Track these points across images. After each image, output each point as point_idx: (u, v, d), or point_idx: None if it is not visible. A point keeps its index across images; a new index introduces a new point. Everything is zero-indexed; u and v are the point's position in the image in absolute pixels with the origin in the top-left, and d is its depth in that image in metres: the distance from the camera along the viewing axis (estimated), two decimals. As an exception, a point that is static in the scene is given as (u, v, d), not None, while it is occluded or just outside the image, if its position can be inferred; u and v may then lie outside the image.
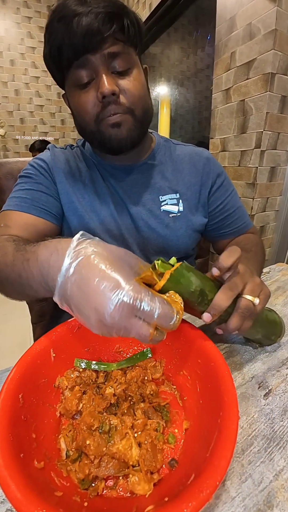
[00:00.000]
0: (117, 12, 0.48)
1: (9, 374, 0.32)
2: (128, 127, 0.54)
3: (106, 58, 0.49)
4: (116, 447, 0.30)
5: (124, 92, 0.52)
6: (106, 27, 0.47)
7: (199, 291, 0.35)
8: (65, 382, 0.38)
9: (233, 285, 0.35)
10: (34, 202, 0.59)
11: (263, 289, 0.38)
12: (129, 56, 0.52)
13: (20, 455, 0.26)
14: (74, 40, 0.47)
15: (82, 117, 0.54)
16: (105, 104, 0.51)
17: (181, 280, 0.34)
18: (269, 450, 0.33)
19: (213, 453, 0.24)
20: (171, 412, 0.36)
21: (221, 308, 0.34)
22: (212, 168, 0.71)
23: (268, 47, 1.25)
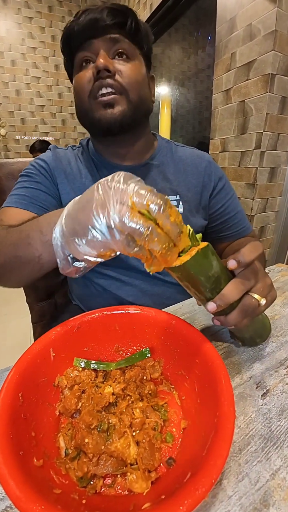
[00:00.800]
0: (121, 10, 0.54)
1: (9, 373, 0.32)
2: (122, 108, 0.55)
3: (108, 41, 0.54)
4: (114, 445, 0.30)
5: (120, 73, 0.54)
6: (109, 18, 0.53)
7: (215, 278, 0.34)
8: (64, 381, 0.38)
9: (246, 280, 0.35)
10: (33, 200, 0.60)
11: (271, 291, 0.38)
12: (130, 48, 0.56)
13: (19, 453, 0.26)
14: (80, 27, 0.53)
15: (78, 94, 0.57)
16: (98, 79, 0.53)
17: (203, 261, 0.32)
18: (266, 450, 0.33)
19: (209, 452, 0.24)
20: (169, 412, 0.37)
21: (229, 301, 0.34)
22: (214, 171, 0.71)
23: (268, 48, 1.25)
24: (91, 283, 0.71)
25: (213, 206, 0.71)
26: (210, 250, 0.33)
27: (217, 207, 0.71)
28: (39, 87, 3.15)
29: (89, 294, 0.72)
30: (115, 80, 0.54)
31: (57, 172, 0.64)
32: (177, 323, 0.41)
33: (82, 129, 3.50)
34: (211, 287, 0.34)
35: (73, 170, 0.66)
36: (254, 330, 0.44)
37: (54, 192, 0.64)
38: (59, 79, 3.23)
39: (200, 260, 0.32)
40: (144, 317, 0.44)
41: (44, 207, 0.61)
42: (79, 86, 0.56)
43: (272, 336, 0.51)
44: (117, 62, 0.55)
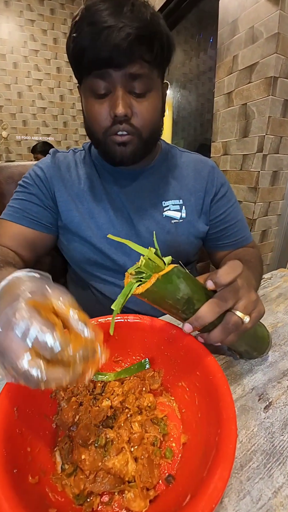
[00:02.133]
0: (149, 35, 0.47)
1: (4, 387, 0.31)
2: (133, 147, 0.56)
3: (127, 77, 0.49)
4: (112, 462, 0.29)
5: (136, 115, 0.52)
6: (135, 48, 0.46)
7: (185, 299, 0.33)
8: (61, 393, 0.37)
9: (223, 301, 0.33)
10: (25, 213, 0.62)
11: (258, 307, 0.36)
12: (150, 79, 0.52)
13: (13, 471, 0.25)
14: (99, 52, 0.46)
15: (92, 124, 0.55)
16: (115, 122, 0.52)
17: (167, 286, 0.32)
18: (269, 466, 0.32)
19: (210, 473, 0.23)
20: (169, 425, 0.36)
21: (204, 322, 0.33)
22: (217, 177, 0.70)
23: (270, 50, 1.25)
24: (90, 288, 0.71)
25: (213, 212, 0.70)
26: (175, 274, 0.32)
27: (218, 214, 0.70)
28: (41, 90, 3.16)
29: (88, 299, 0.71)
30: (131, 124, 0.53)
31: (55, 179, 0.64)
32: (177, 333, 0.40)
33: (83, 132, 3.49)
34: (182, 309, 0.34)
35: (71, 177, 0.65)
36: (248, 344, 0.42)
37: (48, 203, 0.64)
38: (61, 82, 3.24)
39: (163, 285, 0.31)
40: (144, 326, 0.43)
41: (36, 220, 0.63)
42: (94, 119, 0.54)
43: (274, 345, 0.50)
44: (135, 100, 0.52)
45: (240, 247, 0.73)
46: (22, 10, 2.91)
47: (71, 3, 3.10)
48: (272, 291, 0.72)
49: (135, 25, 0.45)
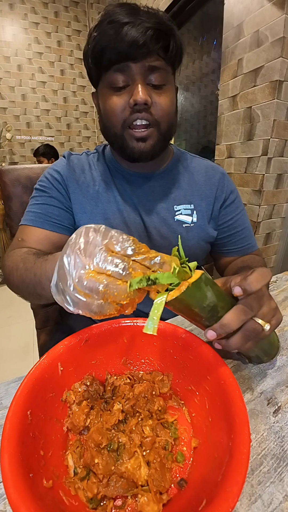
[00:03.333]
0: (165, 32, 0.50)
1: (17, 390, 0.31)
2: (153, 141, 0.56)
3: (146, 69, 0.52)
4: (124, 466, 0.30)
5: (155, 105, 0.53)
6: (152, 43, 0.49)
7: (211, 307, 0.33)
8: (72, 397, 0.37)
9: (249, 309, 0.33)
10: (47, 217, 0.62)
11: (276, 315, 0.36)
12: (166, 73, 0.54)
13: (29, 475, 0.25)
14: (119, 46, 0.49)
15: (110, 118, 0.56)
16: (134, 111, 0.53)
17: (196, 294, 0.31)
18: (279, 470, 0.32)
19: (225, 478, 0.23)
20: (179, 429, 0.36)
21: (229, 330, 0.33)
22: (227, 184, 0.71)
23: (276, 54, 1.25)
24: None
25: (222, 218, 0.71)
26: (203, 281, 0.31)
27: (226, 220, 0.71)
28: (45, 92, 3.17)
29: None
30: (150, 113, 0.53)
31: (70, 181, 0.64)
32: (187, 337, 0.40)
33: (86, 133, 3.52)
34: (207, 316, 0.33)
35: (86, 179, 0.66)
36: (260, 349, 0.42)
37: (67, 205, 0.64)
38: (65, 84, 3.25)
39: (192, 293, 0.31)
40: (153, 330, 0.43)
41: (58, 222, 0.63)
42: (112, 111, 0.54)
43: (282, 349, 0.51)
44: (153, 92, 0.53)
45: (245, 254, 0.74)
46: (27, 13, 2.93)
47: (75, 6, 3.12)
48: (278, 294, 0.72)
49: (152, 21, 0.49)
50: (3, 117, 3.04)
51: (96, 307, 0.32)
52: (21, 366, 1.70)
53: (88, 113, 3.46)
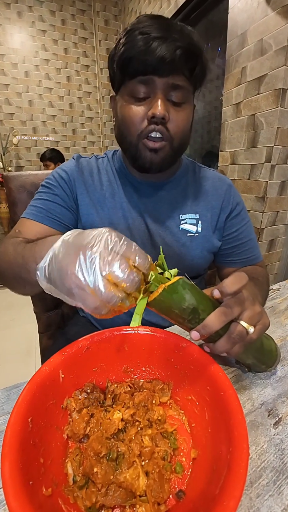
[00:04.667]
0: (194, 54, 0.51)
1: (19, 397, 0.32)
2: (164, 154, 0.57)
3: (169, 86, 0.52)
4: (123, 475, 0.30)
5: (172, 121, 0.54)
6: (179, 62, 0.50)
7: (191, 309, 0.35)
8: (73, 404, 0.38)
9: (229, 310, 0.35)
10: (48, 213, 0.62)
11: (263, 319, 0.38)
12: (187, 92, 0.55)
13: (29, 483, 0.26)
14: (147, 59, 0.49)
15: (127, 126, 0.56)
16: (151, 123, 0.54)
17: (173, 296, 0.34)
18: (278, 483, 0.32)
19: (223, 492, 0.24)
20: (179, 439, 0.36)
21: (211, 330, 0.34)
22: (233, 195, 0.72)
23: (279, 63, 1.26)
24: None
25: (227, 229, 0.71)
26: (180, 285, 0.35)
27: (231, 231, 0.72)
28: (51, 98, 3.21)
29: None
30: (166, 128, 0.54)
31: (78, 183, 0.65)
32: (187, 347, 0.40)
33: (91, 139, 3.55)
34: (188, 318, 0.36)
35: (94, 182, 0.67)
36: (255, 357, 0.43)
37: (71, 205, 0.65)
38: (71, 90, 3.29)
39: (169, 295, 0.34)
40: (154, 338, 0.44)
41: (59, 220, 0.63)
42: (131, 120, 0.55)
43: (284, 359, 0.50)
44: (172, 108, 0.54)
45: (249, 265, 0.74)
46: (34, 21, 2.98)
47: (82, 14, 3.17)
48: (280, 302, 0.72)
49: (185, 42, 0.49)
50: (10, 122, 3.09)
51: (92, 303, 0.31)
52: (23, 369, 1.71)
53: (93, 118, 3.49)
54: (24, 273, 0.44)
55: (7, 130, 3.07)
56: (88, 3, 3.17)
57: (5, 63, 2.94)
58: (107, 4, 3.16)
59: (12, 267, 0.48)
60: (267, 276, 0.71)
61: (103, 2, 3.14)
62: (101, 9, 3.16)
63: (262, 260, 0.77)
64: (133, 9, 2.87)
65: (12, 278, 0.49)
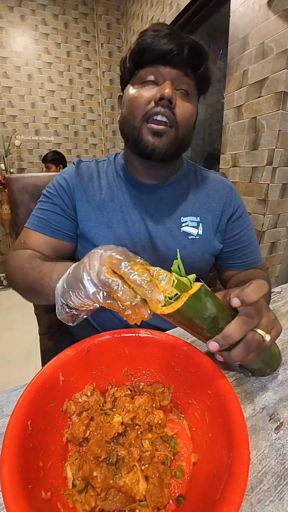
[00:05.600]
0: (201, 55, 0.56)
1: (18, 400, 0.32)
2: (168, 140, 0.57)
3: (176, 76, 0.55)
4: (123, 480, 0.30)
5: (178, 107, 0.56)
6: (186, 55, 0.53)
7: (212, 318, 0.33)
8: (72, 407, 0.37)
9: (250, 319, 0.34)
10: (48, 223, 0.64)
11: (276, 326, 0.38)
12: (193, 90, 0.58)
13: (28, 487, 0.26)
14: (160, 48, 0.53)
15: (133, 109, 0.57)
16: (158, 105, 0.55)
17: (196, 305, 0.32)
18: (279, 489, 0.32)
19: (223, 497, 0.23)
20: (179, 444, 0.36)
21: (232, 341, 0.34)
22: (235, 198, 0.72)
23: (281, 66, 1.26)
24: None
25: (229, 232, 0.71)
26: (203, 293, 0.32)
27: (233, 234, 0.72)
28: (53, 100, 3.23)
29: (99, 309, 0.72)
30: (172, 113, 0.55)
31: (77, 189, 0.66)
32: (188, 350, 0.40)
33: (93, 141, 3.56)
34: (208, 328, 0.34)
35: (93, 187, 0.67)
36: (263, 361, 0.42)
37: (70, 213, 0.66)
38: (73, 93, 3.31)
39: (192, 304, 0.31)
40: (155, 341, 0.43)
41: (59, 230, 0.65)
42: (136, 102, 0.56)
43: (285, 363, 0.50)
44: (179, 96, 0.56)
45: (250, 268, 0.74)
46: (37, 24, 3.00)
47: (84, 18, 3.19)
48: (282, 305, 0.71)
49: (194, 42, 0.54)
50: (12, 125, 3.10)
51: (105, 300, 0.36)
52: (24, 371, 1.71)
53: (95, 121, 3.51)
54: (38, 285, 0.49)
55: (9, 132, 3.09)
56: (90, 6, 3.19)
57: (8, 66, 2.95)
58: (109, 8, 3.18)
59: (27, 279, 0.53)
60: (269, 279, 0.71)
61: (105, 6, 3.16)
62: (103, 13, 3.17)
63: (263, 263, 0.76)
64: (135, 12, 2.89)
65: (25, 288, 0.54)
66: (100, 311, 0.73)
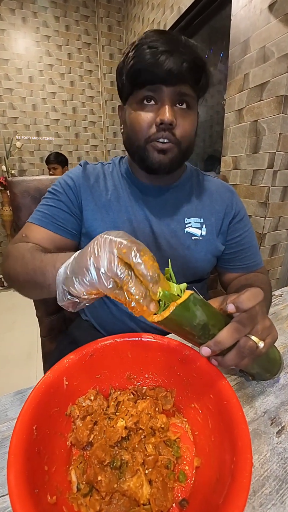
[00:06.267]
0: (199, 66, 0.55)
1: (24, 404, 0.32)
2: (172, 156, 0.59)
3: (176, 94, 0.55)
4: (127, 484, 0.30)
5: (179, 126, 0.57)
6: (186, 73, 0.53)
7: (202, 325, 0.34)
8: (76, 411, 0.38)
9: (242, 327, 0.35)
10: (53, 219, 0.64)
11: (272, 333, 0.38)
12: (193, 101, 0.58)
13: (35, 491, 0.26)
14: (156, 71, 0.52)
15: (135, 132, 0.59)
16: (159, 129, 0.56)
17: (184, 314, 0.33)
18: (281, 492, 0.32)
19: (226, 501, 0.24)
20: (182, 448, 0.36)
21: (224, 347, 0.34)
22: (236, 202, 0.74)
23: (282, 70, 1.27)
24: (102, 299, 0.72)
25: (230, 234, 0.73)
26: (191, 301, 0.33)
27: (234, 236, 0.73)
28: (55, 102, 3.24)
29: (102, 311, 0.73)
30: (173, 134, 0.57)
31: (83, 189, 0.67)
32: (191, 354, 0.41)
33: (94, 142, 3.57)
34: (199, 334, 0.35)
35: (99, 187, 0.69)
36: (260, 366, 0.43)
37: (75, 211, 0.67)
38: (74, 95, 3.32)
39: (181, 313, 0.33)
40: (157, 346, 0.44)
41: (63, 226, 0.65)
42: (139, 125, 0.58)
43: (286, 367, 0.51)
44: (178, 114, 0.57)
45: (250, 271, 0.75)
46: (39, 27, 3.01)
47: (85, 20, 3.20)
48: (283, 309, 0.72)
49: (191, 55, 0.53)
50: (14, 126, 3.12)
51: (112, 289, 0.34)
52: (24, 372, 1.71)
53: (96, 123, 3.52)
54: (39, 275, 0.47)
55: (10, 134, 3.10)
56: (91, 9, 3.21)
57: (9, 68, 2.97)
58: (110, 10, 3.19)
59: (28, 270, 0.50)
60: (270, 283, 0.72)
61: (106, 8, 3.17)
62: (104, 15, 3.19)
63: (263, 266, 0.77)
64: (136, 15, 2.90)
65: (24, 280, 0.52)
66: (101, 313, 0.73)
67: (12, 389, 0.47)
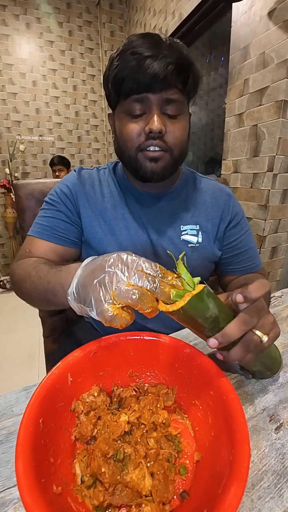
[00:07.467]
0: (185, 67, 0.53)
1: (31, 398, 0.33)
2: (164, 163, 0.58)
3: (163, 101, 0.54)
4: (130, 476, 0.31)
5: (169, 133, 0.56)
6: (172, 77, 0.51)
7: (213, 318, 0.35)
8: (80, 407, 0.39)
9: (249, 319, 0.36)
10: (53, 231, 0.64)
11: (275, 328, 0.39)
12: (182, 105, 0.57)
13: (41, 480, 0.27)
14: (140, 78, 0.51)
15: (125, 142, 0.58)
16: (149, 138, 0.55)
17: (198, 305, 0.34)
18: (279, 486, 0.33)
19: (225, 491, 0.25)
20: (183, 442, 0.37)
21: (231, 339, 0.35)
22: (232, 205, 0.73)
23: (281, 75, 1.29)
24: None
25: (227, 239, 0.73)
26: (205, 294, 0.35)
27: (231, 240, 0.73)
28: (58, 106, 3.28)
29: None
30: (163, 141, 0.56)
31: (80, 196, 0.67)
32: (191, 352, 0.42)
33: (96, 146, 3.61)
34: (209, 327, 0.36)
35: (95, 194, 0.68)
36: (262, 364, 0.44)
37: (74, 219, 0.67)
38: (77, 99, 3.37)
39: (195, 304, 0.34)
40: (159, 344, 0.45)
41: (64, 236, 0.65)
42: (128, 136, 0.57)
43: (286, 366, 0.52)
44: (168, 120, 0.56)
45: (250, 273, 0.75)
46: (42, 32, 3.06)
47: (88, 26, 3.25)
48: (283, 310, 0.73)
49: (174, 57, 0.51)
50: (17, 130, 3.16)
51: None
52: (26, 372, 1.72)
53: (98, 126, 3.56)
54: (51, 296, 0.49)
55: (14, 138, 3.13)
56: (94, 14, 3.26)
57: (13, 72, 3.01)
58: (113, 16, 3.24)
59: (38, 290, 0.52)
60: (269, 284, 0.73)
61: (109, 14, 3.22)
62: (107, 21, 3.23)
63: (262, 267, 0.78)
64: (138, 20, 2.94)
65: (38, 299, 0.54)
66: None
67: (15, 389, 0.48)
